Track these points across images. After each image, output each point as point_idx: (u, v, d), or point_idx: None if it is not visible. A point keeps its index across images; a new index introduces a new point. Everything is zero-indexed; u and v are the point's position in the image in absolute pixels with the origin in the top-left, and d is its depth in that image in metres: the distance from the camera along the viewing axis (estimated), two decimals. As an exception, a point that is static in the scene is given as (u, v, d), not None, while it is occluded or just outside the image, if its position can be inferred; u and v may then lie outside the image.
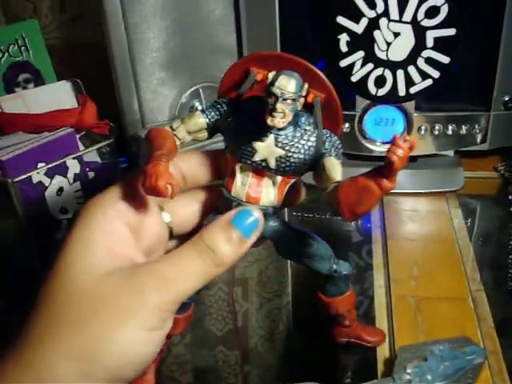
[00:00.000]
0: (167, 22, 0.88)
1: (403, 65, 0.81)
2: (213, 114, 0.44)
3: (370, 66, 0.82)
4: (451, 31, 0.78)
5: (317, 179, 0.43)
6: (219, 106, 0.44)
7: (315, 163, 0.42)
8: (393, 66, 0.82)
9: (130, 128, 0.92)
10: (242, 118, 0.43)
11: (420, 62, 0.81)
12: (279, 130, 0.41)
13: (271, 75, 0.40)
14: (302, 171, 0.43)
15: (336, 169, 0.41)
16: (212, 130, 0.44)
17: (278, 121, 0.39)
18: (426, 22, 0.78)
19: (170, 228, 0.44)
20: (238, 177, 0.43)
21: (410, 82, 0.82)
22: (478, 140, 0.88)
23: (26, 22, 0.84)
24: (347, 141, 0.87)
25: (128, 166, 0.91)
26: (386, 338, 0.61)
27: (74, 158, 0.76)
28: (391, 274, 0.70)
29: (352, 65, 0.82)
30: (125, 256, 0.38)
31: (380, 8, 0.78)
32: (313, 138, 0.42)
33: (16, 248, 0.77)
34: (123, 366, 0.36)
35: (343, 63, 0.82)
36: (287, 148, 0.41)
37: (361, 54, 0.81)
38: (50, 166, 0.74)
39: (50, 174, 0.74)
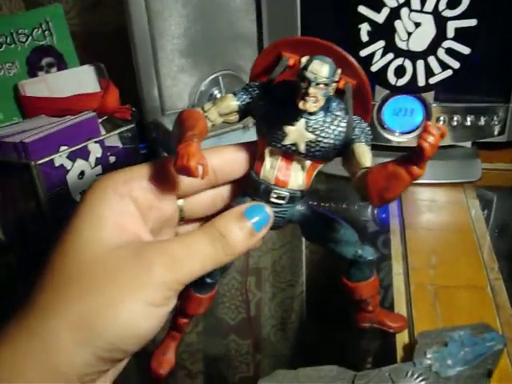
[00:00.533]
0: (188, 9, 0.88)
1: (423, 55, 0.81)
2: (244, 97, 0.44)
3: (390, 55, 0.82)
4: (472, 22, 0.78)
5: (346, 165, 0.43)
6: (251, 90, 0.44)
7: (344, 149, 0.42)
8: (413, 56, 0.82)
9: (149, 114, 0.93)
10: (273, 101, 0.43)
11: (440, 52, 0.81)
12: (310, 114, 0.41)
13: (304, 59, 0.39)
14: (330, 156, 0.43)
15: (366, 155, 0.41)
16: (243, 112, 0.45)
17: (309, 105, 0.39)
18: (448, 13, 0.78)
19: (182, 212, 0.44)
20: (267, 160, 0.43)
21: (429, 73, 0.82)
22: (496, 132, 0.88)
23: (50, 7, 0.85)
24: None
25: (147, 151, 0.91)
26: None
27: (95, 142, 0.77)
28: (410, 262, 0.70)
29: (372, 54, 0.82)
30: (132, 232, 0.39)
31: (402, -2, 0.78)
32: (343, 124, 0.42)
33: (36, 230, 0.77)
34: (124, 337, 0.36)
35: (363, 53, 0.83)
36: (317, 133, 0.41)
37: (381, 43, 0.82)
38: (73, 149, 0.74)
39: (72, 157, 0.74)
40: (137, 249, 0.37)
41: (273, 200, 0.44)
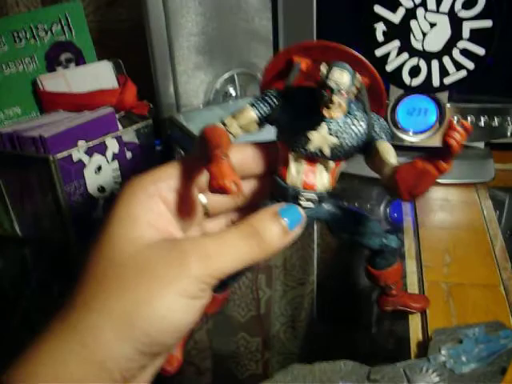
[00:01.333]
0: (205, 7, 0.89)
1: (438, 55, 0.82)
2: (262, 106, 0.44)
3: (405, 55, 0.83)
4: (488, 23, 0.79)
5: (370, 162, 0.44)
6: (268, 99, 0.44)
7: (367, 147, 0.43)
8: (428, 56, 0.82)
9: (165, 111, 0.93)
10: (293, 108, 0.43)
11: (455, 53, 0.81)
12: (331, 118, 0.41)
13: (324, 68, 0.40)
14: (353, 155, 0.44)
15: (390, 152, 0.42)
16: (263, 122, 0.45)
17: (334, 112, 0.40)
18: (463, 13, 0.79)
19: (206, 209, 0.45)
20: (292, 165, 0.44)
21: (444, 73, 0.83)
22: (509, 132, 0.88)
23: (69, 3, 0.85)
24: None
25: (162, 147, 0.92)
26: (419, 322, 0.61)
27: (113, 138, 0.77)
28: (423, 260, 0.71)
29: (387, 54, 0.83)
30: (164, 230, 0.40)
31: (418, -2, 0.79)
32: (363, 123, 0.43)
33: (54, 223, 0.78)
34: (163, 331, 0.37)
35: (378, 52, 0.83)
36: (340, 135, 0.42)
37: (396, 43, 0.82)
38: (90, 144, 0.75)
39: (89, 152, 0.75)
40: (171, 245, 0.39)
41: (302, 203, 0.44)
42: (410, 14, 0.80)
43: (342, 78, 0.39)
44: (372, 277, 0.55)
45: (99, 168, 0.77)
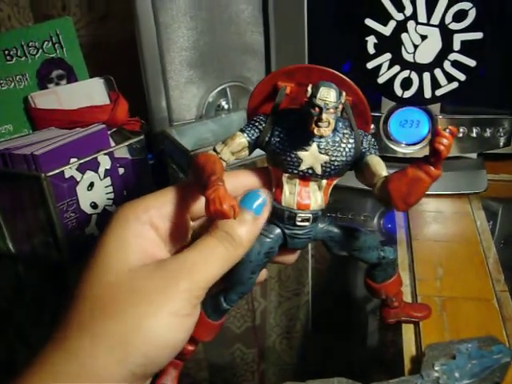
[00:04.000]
0: (197, 22, 0.89)
1: (430, 67, 0.82)
2: (252, 132, 0.45)
3: (396, 68, 0.83)
4: (478, 35, 0.79)
5: (361, 177, 0.45)
6: (257, 124, 0.45)
7: (356, 162, 0.45)
8: (419, 68, 0.82)
9: (157, 125, 0.93)
10: (282, 131, 0.44)
11: (446, 64, 0.81)
12: (320, 137, 0.42)
13: (310, 88, 0.41)
14: (344, 172, 0.45)
15: (380, 165, 0.43)
16: (253, 147, 0.46)
17: (324, 130, 0.41)
18: (454, 26, 0.79)
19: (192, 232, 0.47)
20: (286, 187, 0.45)
21: (436, 85, 0.83)
22: (502, 143, 0.88)
23: (60, 20, 0.85)
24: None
25: (155, 162, 0.92)
26: (412, 336, 0.61)
27: (105, 154, 0.77)
28: (416, 273, 0.71)
29: (379, 67, 0.83)
30: (154, 256, 0.41)
31: (408, 11, 0.79)
32: (351, 140, 0.44)
33: (46, 240, 0.78)
34: (159, 351, 0.38)
35: (370, 65, 0.83)
36: (330, 153, 0.43)
37: (388, 56, 0.82)
38: (82, 161, 0.75)
39: (81, 169, 0.75)
40: (158, 266, 0.40)
41: (298, 223, 0.46)
42: (401, 26, 0.80)
43: (328, 96, 0.40)
44: (372, 290, 0.56)
45: (91, 185, 0.77)
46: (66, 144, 0.74)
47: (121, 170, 0.80)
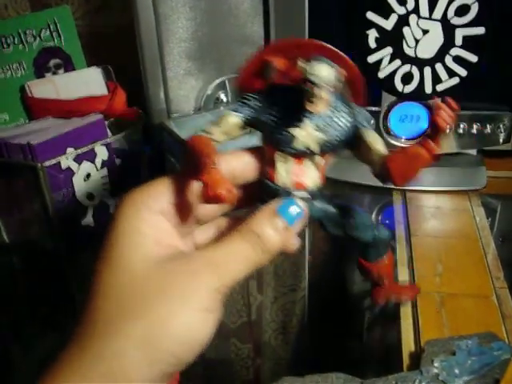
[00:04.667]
0: (196, 13, 0.88)
1: (431, 62, 0.81)
2: (243, 110, 0.43)
3: (397, 62, 0.82)
4: (480, 30, 0.78)
5: (357, 153, 0.44)
6: (249, 101, 0.44)
7: (353, 138, 0.43)
8: (420, 63, 0.82)
9: (155, 117, 0.93)
10: (274, 108, 0.42)
11: (448, 59, 0.81)
12: (314, 114, 0.41)
13: (302, 64, 0.39)
14: (339, 149, 0.44)
15: (377, 141, 0.42)
16: (245, 125, 0.44)
17: (317, 106, 0.39)
18: (456, 20, 0.78)
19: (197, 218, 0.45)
20: (280, 166, 0.43)
21: (436, 80, 0.82)
22: (501, 140, 0.88)
23: (58, 8, 0.85)
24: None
25: (153, 154, 0.91)
26: (411, 332, 0.61)
27: (102, 145, 0.76)
28: (415, 269, 0.70)
29: (380, 61, 0.82)
30: (171, 246, 0.40)
31: (410, 5, 0.78)
32: (346, 115, 0.42)
33: (42, 230, 0.77)
34: (185, 348, 0.37)
35: (371, 59, 0.83)
36: (325, 130, 0.41)
37: (389, 50, 0.82)
38: (79, 152, 0.74)
39: (78, 159, 0.74)
40: (181, 260, 0.39)
41: None
42: (403, 20, 0.79)
43: (321, 70, 0.38)
44: (365, 270, 0.54)
45: (88, 175, 0.76)
46: (63, 134, 0.73)
47: (118, 161, 0.80)
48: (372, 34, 0.81)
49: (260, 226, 0.40)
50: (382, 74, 0.83)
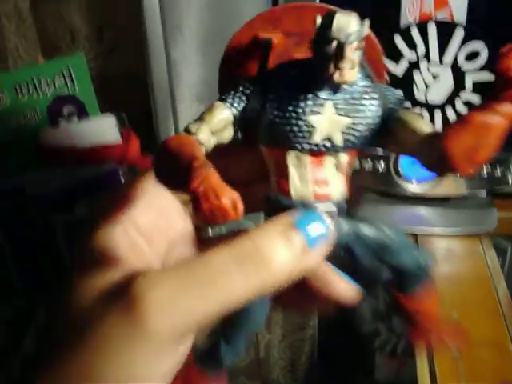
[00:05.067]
0: (207, 57, 0.88)
1: (441, 106, 0.82)
2: (237, 100, 0.33)
3: (408, 106, 0.83)
4: (490, 75, 0.79)
5: (392, 143, 0.34)
6: (242, 89, 0.33)
7: (384, 124, 0.33)
8: (431, 107, 0.82)
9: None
10: (279, 92, 0.32)
11: (458, 104, 0.81)
12: (335, 93, 0.32)
13: (320, 19, 0.30)
14: (368, 140, 0.33)
15: (420, 120, 0.32)
16: (240, 122, 0.33)
17: (348, 73, 0.30)
18: (466, 66, 0.79)
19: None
20: (294, 172, 0.33)
21: (447, 123, 0.83)
22: (511, 181, 0.88)
23: (72, 56, 0.85)
24: (382, 179, 0.88)
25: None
26: (428, 380, 0.61)
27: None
28: (430, 316, 0.70)
29: (390, 105, 0.83)
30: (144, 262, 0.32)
31: (421, 50, 0.79)
32: (374, 94, 0.33)
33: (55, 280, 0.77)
34: None
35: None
36: (352, 113, 0.32)
37: (399, 94, 0.82)
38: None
39: (92, 208, 0.74)
40: (117, 296, 0.28)
41: None
42: (413, 66, 0.80)
43: (349, 23, 0.29)
44: (401, 305, 0.40)
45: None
46: (77, 184, 0.73)
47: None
48: (383, 79, 0.81)
49: (266, 238, 0.29)
50: (392, 118, 0.83)
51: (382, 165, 0.87)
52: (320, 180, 0.33)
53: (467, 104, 0.81)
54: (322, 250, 0.30)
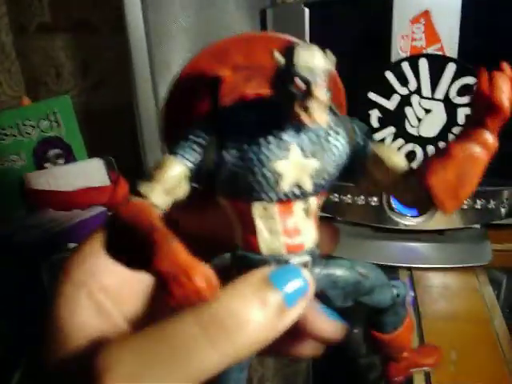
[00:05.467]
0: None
1: (434, 141, 0.81)
2: (189, 151, 0.29)
3: (400, 141, 0.82)
4: (483, 109, 0.78)
5: (364, 181, 0.32)
6: (193, 137, 0.29)
7: (353, 162, 0.31)
8: (423, 141, 0.81)
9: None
10: (238, 138, 0.29)
11: (451, 138, 0.80)
12: (298, 133, 0.29)
13: (280, 57, 0.26)
14: (334, 181, 0.31)
15: (395, 154, 0.30)
16: (196, 176, 0.29)
17: (318, 115, 0.26)
18: (458, 100, 0.78)
19: None
20: (262, 225, 0.30)
21: (426, 158, 0.82)
22: (503, 214, 0.88)
23: (58, 98, 0.84)
24: (375, 213, 0.87)
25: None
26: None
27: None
28: (430, 358, 0.69)
29: (382, 140, 0.82)
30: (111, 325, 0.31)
31: (412, 85, 0.78)
32: (340, 129, 0.30)
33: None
34: None
35: (374, 138, 0.82)
36: (319, 154, 0.29)
37: (391, 129, 0.81)
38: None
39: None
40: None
41: None
42: (405, 100, 0.79)
43: (313, 59, 0.26)
44: (381, 344, 0.39)
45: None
46: (65, 229, 0.72)
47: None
48: (374, 114, 0.81)
49: (239, 298, 0.26)
50: (385, 153, 0.83)
51: (374, 199, 0.86)
52: (291, 230, 0.30)
53: (460, 138, 0.80)
54: (300, 307, 0.27)
